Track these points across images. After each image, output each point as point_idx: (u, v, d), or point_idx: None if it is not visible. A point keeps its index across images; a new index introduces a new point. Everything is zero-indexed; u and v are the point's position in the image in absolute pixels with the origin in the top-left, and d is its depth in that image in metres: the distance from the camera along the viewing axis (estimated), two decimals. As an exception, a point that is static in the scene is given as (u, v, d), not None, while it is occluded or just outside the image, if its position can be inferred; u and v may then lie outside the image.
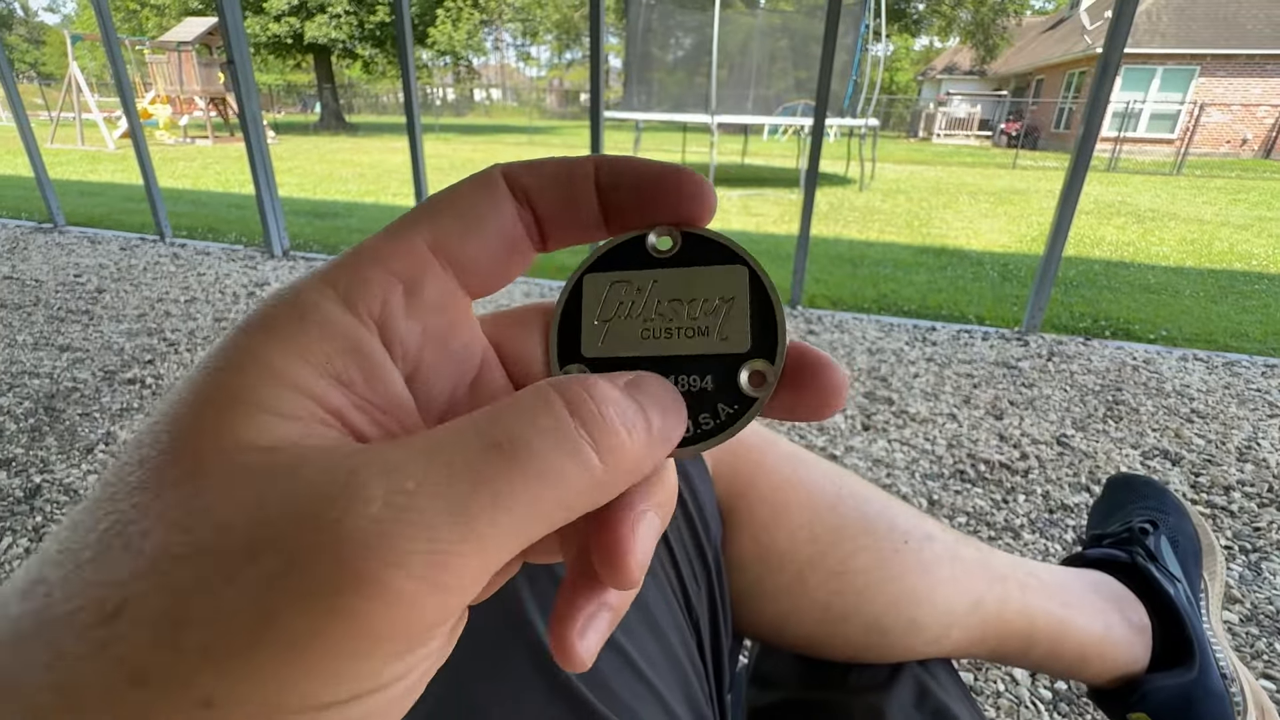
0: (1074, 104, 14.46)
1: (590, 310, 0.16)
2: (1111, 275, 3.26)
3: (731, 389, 0.15)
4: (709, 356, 0.15)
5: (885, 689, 0.36)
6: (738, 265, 0.16)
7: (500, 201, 0.14)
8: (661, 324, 0.16)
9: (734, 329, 0.15)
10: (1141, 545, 0.49)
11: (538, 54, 30.84)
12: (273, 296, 0.12)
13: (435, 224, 0.13)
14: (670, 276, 0.16)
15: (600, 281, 0.16)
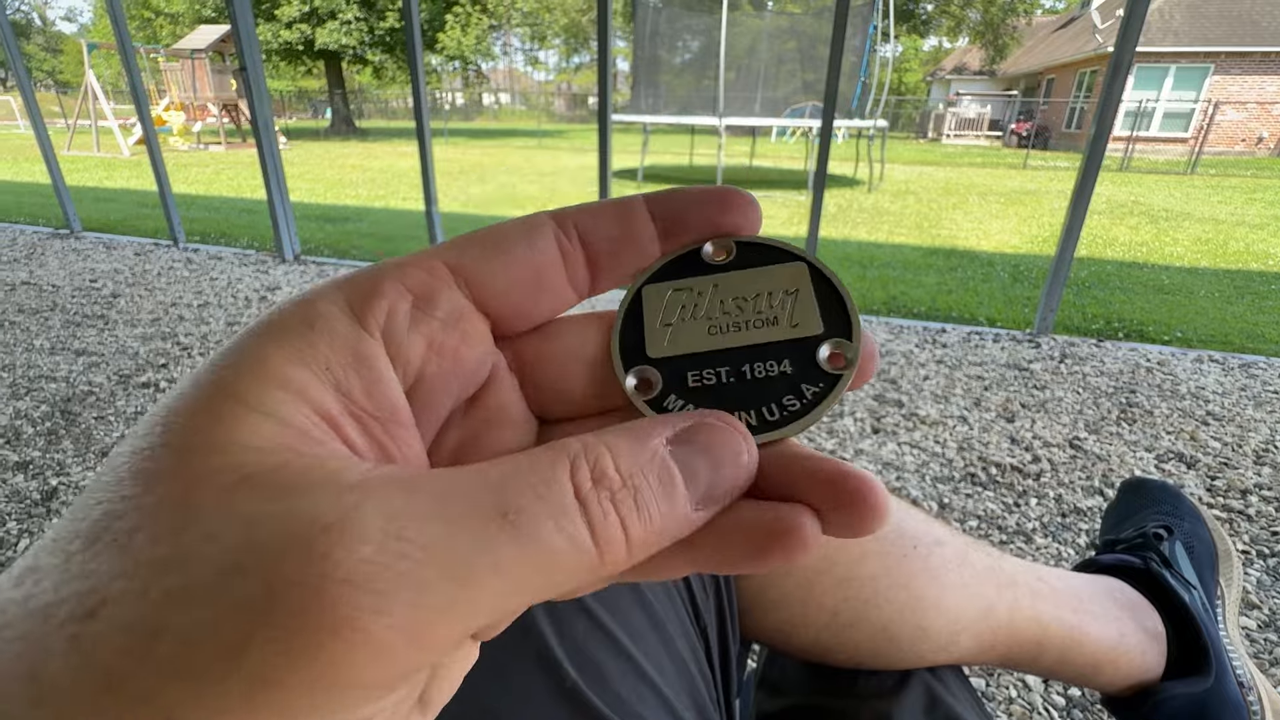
0: (1085, 103, 14.33)
1: (653, 315, 0.16)
2: (1125, 276, 3.23)
3: (812, 369, 0.15)
4: (783, 342, 0.15)
5: (894, 695, 0.36)
6: (796, 262, 0.16)
7: (535, 235, 0.14)
8: (728, 320, 0.16)
9: (804, 315, 0.15)
10: (1156, 551, 0.48)
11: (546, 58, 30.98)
12: (287, 302, 0.12)
13: (460, 248, 0.14)
14: (731, 279, 0.16)
15: (660, 290, 0.16)
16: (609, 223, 0.15)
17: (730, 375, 0.15)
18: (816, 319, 0.15)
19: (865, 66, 6.24)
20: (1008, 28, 19.84)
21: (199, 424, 0.10)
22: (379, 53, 17.07)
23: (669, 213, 0.15)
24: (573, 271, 0.15)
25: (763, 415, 0.15)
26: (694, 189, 0.15)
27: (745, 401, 0.15)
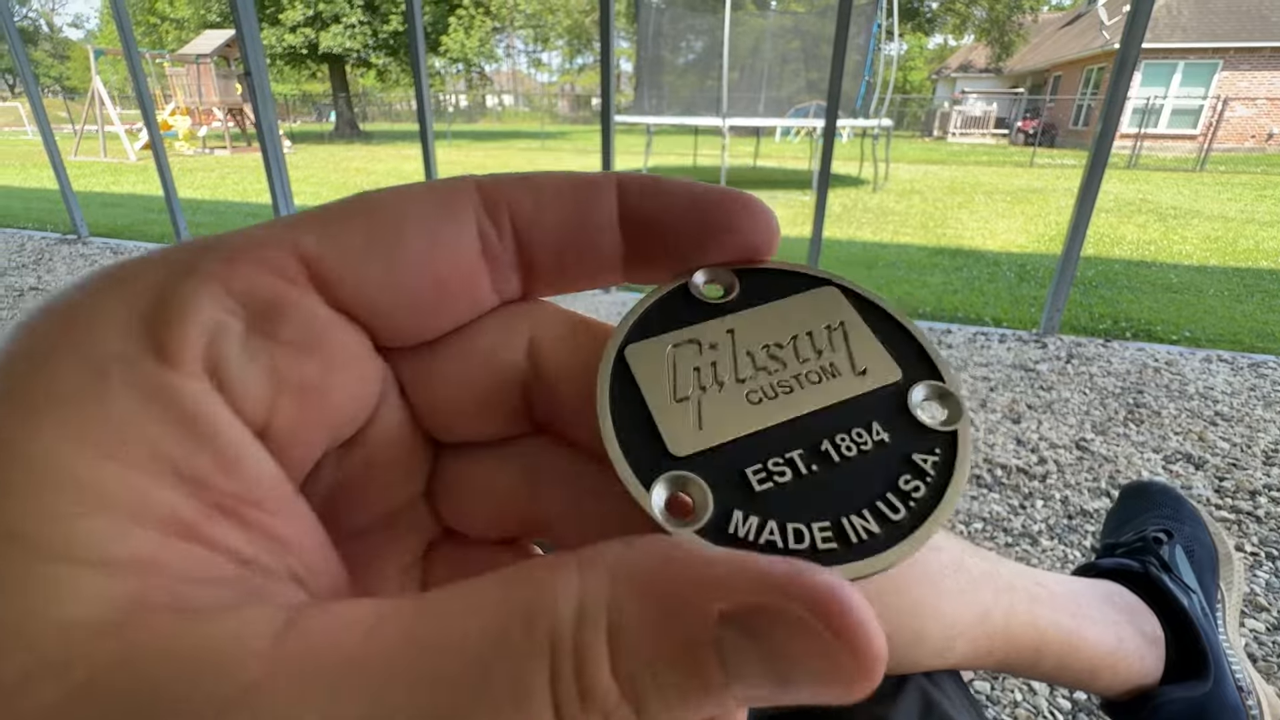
0: (1093, 101, 14.25)
1: (656, 390, 0.11)
2: (1132, 275, 3.21)
3: (913, 429, 0.11)
4: (861, 397, 0.11)
5: (890, 700, 0.35)
6: (824, 287, 0.12)
7: (446, 224, 0.10)
8: (770, 380, 0.11)
9: (867, 356, 0.12)
10: (1155, 555, 0.48)
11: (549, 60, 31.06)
12: (47, 336, 0.08)
13: (327, 229, 0.09)
14: (749, 321, 0.12)
15: (653, 350, 0.11)
16: (560, 208, 0.11)
17: (809, 461, 0.11)
18: (887, 359, 0.12)
19: (869, 65, 6.23)
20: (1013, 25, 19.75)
21: (13, 609, 0.07)
22: (383, 56, 17.16)
23: (648, 215, 0.11)
24: (497, 274, 0.11)
25: (880, 512, 0.10)
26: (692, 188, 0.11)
27: (844, 498, 0.10)
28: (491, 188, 0.10)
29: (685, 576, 0.07)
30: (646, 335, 0.12)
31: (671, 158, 9.63)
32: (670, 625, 0.07)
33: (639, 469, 0.10)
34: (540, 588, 0.07)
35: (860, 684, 0.08)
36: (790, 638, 0.07)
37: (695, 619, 0.07)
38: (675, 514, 0.10)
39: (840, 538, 0.10)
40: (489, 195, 0.10)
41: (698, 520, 0.10)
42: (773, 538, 0.10)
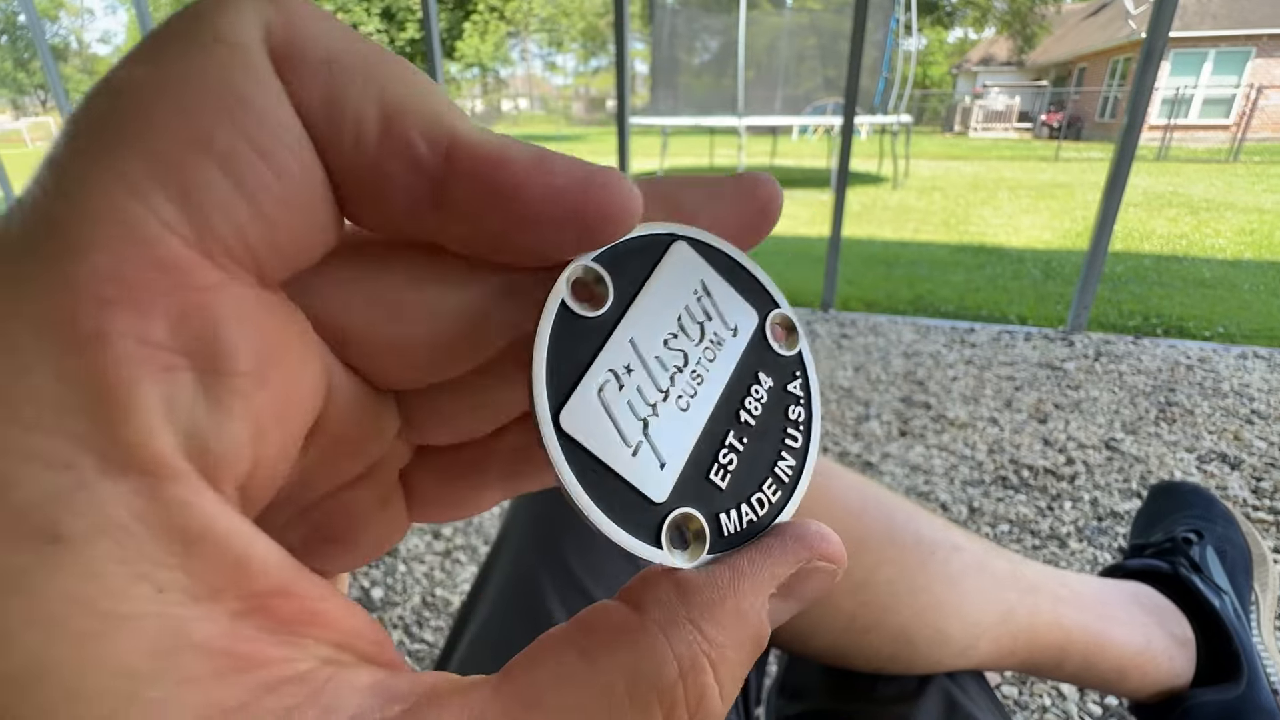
0: (1119, 92, 13.93)
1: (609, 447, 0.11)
2: (1163, 270, 3.13)
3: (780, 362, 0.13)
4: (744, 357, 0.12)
5: (913, 700, 0.36)
6: (674, 244, 0.12)
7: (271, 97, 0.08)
8: (684, 378, 0.12)
9: (733, 310, 0.13)
10: (1185, 555, 0.47)
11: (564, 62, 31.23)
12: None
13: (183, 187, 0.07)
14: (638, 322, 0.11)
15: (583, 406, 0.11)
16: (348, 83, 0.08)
17: (740, 436, 0.12)
18: (745, 306, 0.13)
19: (887, 61, 6.16)
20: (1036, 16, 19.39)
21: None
22: (402, 63, 17.41)
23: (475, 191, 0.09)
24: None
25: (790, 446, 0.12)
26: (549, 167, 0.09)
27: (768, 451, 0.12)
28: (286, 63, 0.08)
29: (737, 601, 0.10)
30: (567, 390, 0.11)
31: (688, 158, 9.61)
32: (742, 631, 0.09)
33: (641, 533, 0.11)
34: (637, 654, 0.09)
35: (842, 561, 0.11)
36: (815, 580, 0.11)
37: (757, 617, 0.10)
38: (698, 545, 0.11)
39: (779, 484, 0.12)
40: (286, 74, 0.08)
41: (704, 546, 0.11)
42: (749, 516, 0.12)
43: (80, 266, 0.06)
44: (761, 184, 0.12)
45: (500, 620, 0.34)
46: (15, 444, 0.06)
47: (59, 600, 0.06)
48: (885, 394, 1.67)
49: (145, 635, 0.06)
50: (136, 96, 0.07)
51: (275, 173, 0.08)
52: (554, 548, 0.35)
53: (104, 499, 0.06)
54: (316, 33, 0.08)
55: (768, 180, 0.12)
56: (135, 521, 0.07)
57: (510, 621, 0.33)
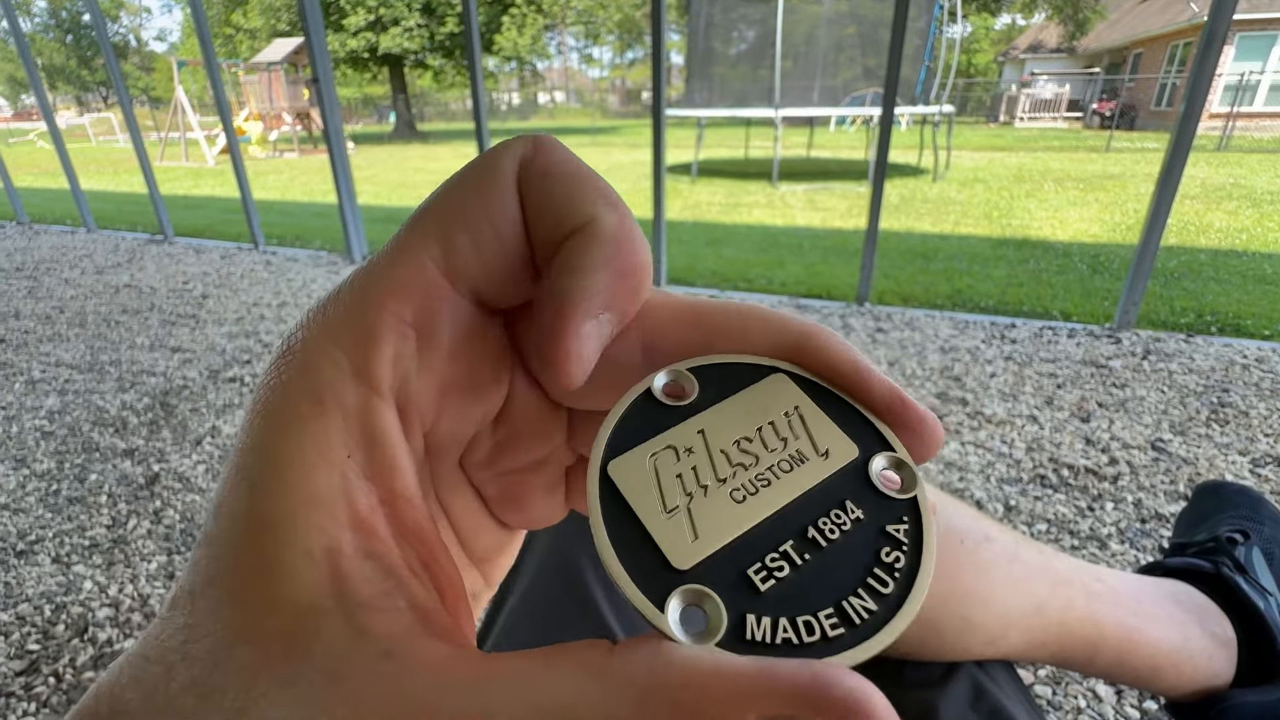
0: (1178, 79, 13.28)
1: (646, 504, 0.11)
2: (1220, 265, 2.99)
3: (882, 501, 0.12)
4: (830, 480, 0.12)
5: (940, 687, 0.35)
6: (773, 374, 0.13)
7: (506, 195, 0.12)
8: (748, 475, 0.12)
9: (828, 437, 0.12)
10: (1229, 555, 0.46)
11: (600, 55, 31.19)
12: (288, 372, 0.11)
13: (446, 239, 0.12)
14: (715, 419, 0.12)
15: (634, 463, 0.12)
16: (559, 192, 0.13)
17: (801, 550, 0.11)
18: (843, 438, 0.12)
19: (930, 49, 5.99)
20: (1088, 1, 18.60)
21: (249, 570, 0.10)
22: (439, 57, 17.64)
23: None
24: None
25: (873, 588, 0.11)
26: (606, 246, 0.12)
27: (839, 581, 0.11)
28: (525, 151, 0.13)
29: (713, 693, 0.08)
30: (624, 448, 0.12)
31: (723, 150, 9.53)
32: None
33: (647, 589, 0.10)
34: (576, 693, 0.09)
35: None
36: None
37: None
38: (691, 628, 0.10)
39: (845, 621, 0.10)
40: (524, 157, 0.13)
41: (715, 634, 0.10)
42: (787, 635, 0.10)
43: (387, 271, 0.12)
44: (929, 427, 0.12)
45: (540, 591, 0.36)
46: (327, 350, 0.11)
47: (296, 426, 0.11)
48: (920, 389, 1.64)
49: (329, 473, 0.11)
50: (445, 190, 0.13)
51: (497, 239, 0.12)
52: None
53: (348, 392, 0.11)
54: (545, 160, 0.13)
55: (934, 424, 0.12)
56: (356, 410, 0.11)
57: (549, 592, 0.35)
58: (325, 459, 0.11)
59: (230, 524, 0.11)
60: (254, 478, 0.11)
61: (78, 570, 1.08)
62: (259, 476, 0.11)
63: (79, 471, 1.36)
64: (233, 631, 0.10)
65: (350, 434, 0.11)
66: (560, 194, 0.12)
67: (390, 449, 0.11)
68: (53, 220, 4.46)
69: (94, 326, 2.24)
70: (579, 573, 0.30)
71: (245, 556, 0.10)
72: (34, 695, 0.85)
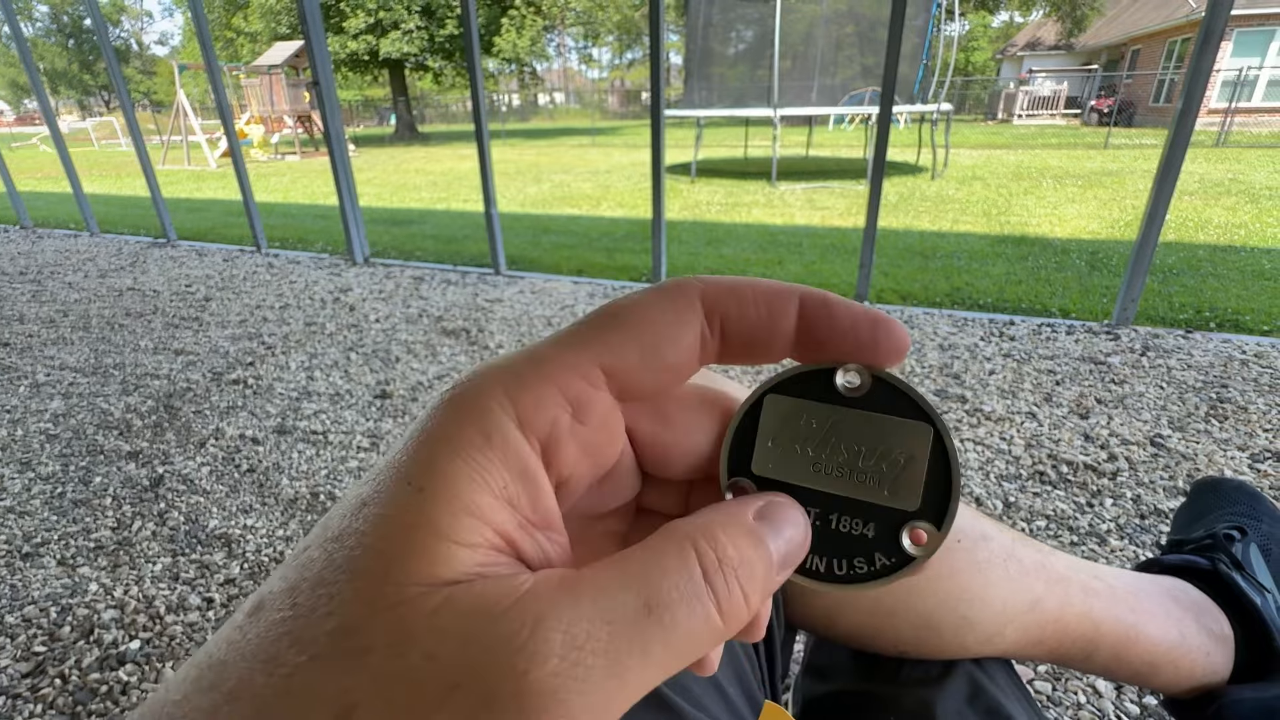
0: (1175, 75, 13.27)
1: (767, 430, 0.16)
2: (1218, 261, 2.99)
3: (892, 543, 0.15)
4: (875, 506, 0.15)
5: (937, 684, 0.36)
6: (924, 424, 0.15)
7: (685, 329, 0.15)
8: (834, 462, 0.16)
9: (906, 486, 0.15)
10: (1226, 552, 0.46)
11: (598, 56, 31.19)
12: (462, 401, 0.14)
13: (612, 348, 0.14)
14: (853, 418, 0.16)
15: (782, 404, 0.16)
16: (756, 314, 0.15)
17: (817, 519, 0.16)
18: (917, 495, 0.15)
19: (928, 48, 6.00)
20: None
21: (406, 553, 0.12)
22: (439, 59, 17.64)
23: (817, 324, 0.15)
24: (705, 353, 0.15)
25: (831, 566, 0.15)
26: (849, 310, 0.15)
27: (820, 547, 0.16)
28: (711, 295, 0.15)
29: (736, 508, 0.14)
30: (783, 392, 0.16)
31: (722, 150, 9.53)
32: (743, 525, 0.14)
33: (729, 468, 0.16)
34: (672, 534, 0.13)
35: (806, 530, 0.15)
36: (782, 512, 0.15)
37: (749, 518, 0.14)
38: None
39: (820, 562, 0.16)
40: (709, 302, 0.15)
41: None
42: None
43: (561, 355, 0.15)
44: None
45: None
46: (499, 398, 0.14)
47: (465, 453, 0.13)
48: (919, 387, 1.65)
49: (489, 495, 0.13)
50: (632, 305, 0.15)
51: (670, 350, 0.15)
52: None
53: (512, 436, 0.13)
54: (714, 286, 0.15)
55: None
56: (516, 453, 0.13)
57: None
58: (487, 484, 0.13)
59: (383, 524, 0.12)
60: (423, 485, 0.13)
61: (83, 572, 1.08)
62: (430, 486, 0.13)
63: (84, 474, 1.37)
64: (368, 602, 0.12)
65: (510, 470, 0.13)
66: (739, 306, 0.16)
67: (541, 490, 0.14)
68: (56, 224, 4.47)
69: (98, 330, 2.25)
70: None
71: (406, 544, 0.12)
72: (40, 697, 0.86)
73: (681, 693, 0.29)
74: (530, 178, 7.07)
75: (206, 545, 1.14)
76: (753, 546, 0.13)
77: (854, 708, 0.38)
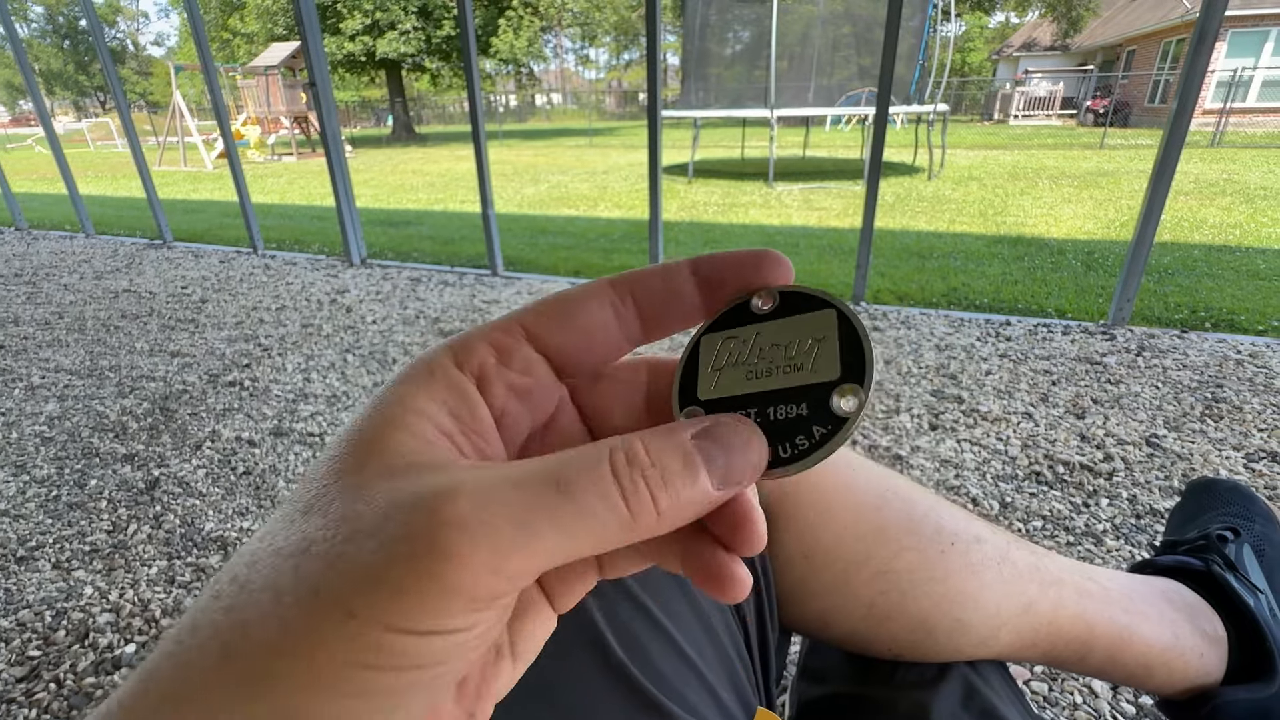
0: (1171, 75, 13.31)
1: (705, 363, 0.19)
2: (1213, 261, 3.00)
3: (824, 412, 0.16)
4: (803, 387, 0.17)
5: (932, 687, 0.36)
6: (827, 310, 0.18)
7: (593, 300, 0.18)
8: (764, 366, 0.18)
9: (825, 361, 0.17)
10: (1219, 553, 0.46)
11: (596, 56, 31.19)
12: (418, 359, 0.17)
13: (535, 313, 0.18)
14: (771, 327, 0.18)
15: (714, 340, 0.19)
16: (656, 285, 0.18)
17: (758, 416, 0.17)
18: (835, 365, 0.17)
19: (924, 48, 6.01)
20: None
21: (369, 439, 0.15)
22: (436, 60, 17.61)
23: (709, 273, 0.18)
24: (626, 327, 0.18)
25: (776, 453, 0.17)
26: (732, 253, 0.18)
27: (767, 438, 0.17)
28: (617, 280, 0.18)
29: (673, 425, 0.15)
30: (715, 330, 0.19)
31: (719, 150, 9.53)
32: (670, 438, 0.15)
33: (680, 400, 0.19)
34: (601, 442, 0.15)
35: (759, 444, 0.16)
36: (726, 429, 0.16)
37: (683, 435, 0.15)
38: None
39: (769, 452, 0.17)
40: (615, 284, 0.18)
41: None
42: None
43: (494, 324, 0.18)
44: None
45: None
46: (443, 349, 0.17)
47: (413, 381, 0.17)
48: (916, 387, 1.65)
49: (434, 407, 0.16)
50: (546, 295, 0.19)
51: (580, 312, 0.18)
52: None
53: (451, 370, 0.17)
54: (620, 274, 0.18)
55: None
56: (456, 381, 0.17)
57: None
58: (431, 396, 0.16)
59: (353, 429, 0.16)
60: (381, 399, 0.16)
61: (78, 576, 1.08)
62: (386, 399, 0.16)
63: (79, 477, 1.36)
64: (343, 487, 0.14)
65: (451, 391, 0.16)
66: None
67: (478, 405, 0.17)
68: (51, 226, 4.46)
69: (93, 332, 2.24)
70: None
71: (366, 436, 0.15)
72: (35, 701, 0.86)
73: (676, 698, 0.29)
74: (527, 179, 7.06)
75: (203, 548, 1.14)
76: (672, 456, 0.14)
77: (849, 711, 0.38)
